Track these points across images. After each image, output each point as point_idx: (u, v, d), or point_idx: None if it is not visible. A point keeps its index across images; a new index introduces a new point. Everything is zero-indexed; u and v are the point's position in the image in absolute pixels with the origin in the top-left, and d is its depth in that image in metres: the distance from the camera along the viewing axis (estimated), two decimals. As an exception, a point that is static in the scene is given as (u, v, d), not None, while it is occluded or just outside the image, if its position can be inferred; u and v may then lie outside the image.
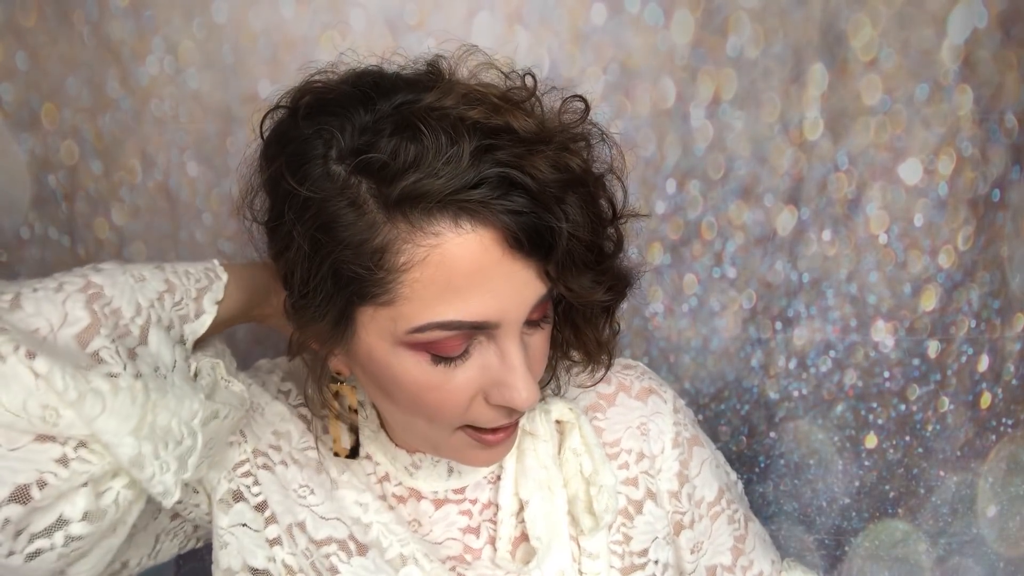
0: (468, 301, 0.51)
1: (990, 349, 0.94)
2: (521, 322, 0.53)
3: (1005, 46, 0.85)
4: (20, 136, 0.95)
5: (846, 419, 0.96)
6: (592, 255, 0.54)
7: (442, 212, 0.49)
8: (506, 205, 0.49)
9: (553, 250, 0.51)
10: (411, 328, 0.51)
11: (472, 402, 0.55)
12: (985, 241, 0.90)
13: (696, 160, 0.89)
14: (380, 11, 0.87)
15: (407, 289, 0.51)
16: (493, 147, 0.49)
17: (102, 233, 0.97)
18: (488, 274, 0.51)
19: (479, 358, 0.54)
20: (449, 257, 0.50)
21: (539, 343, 0.58)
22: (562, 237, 0.50)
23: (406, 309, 0.51)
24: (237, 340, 0.98)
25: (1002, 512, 1.00)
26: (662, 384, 0.72)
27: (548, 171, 0.50)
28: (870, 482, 0.98)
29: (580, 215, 0.52)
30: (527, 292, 0.52)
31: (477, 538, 0.64)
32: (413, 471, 0.65)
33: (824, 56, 0.86)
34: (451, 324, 0.51)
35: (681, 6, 0.85)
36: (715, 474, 0.71)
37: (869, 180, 0.89)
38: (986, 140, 0.87)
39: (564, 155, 0.52)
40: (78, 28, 0.90)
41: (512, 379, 0.53)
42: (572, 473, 0.64)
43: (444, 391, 0.54)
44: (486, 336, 0.54)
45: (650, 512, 0.67)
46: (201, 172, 0.93)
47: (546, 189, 0.50)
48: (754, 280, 0.93)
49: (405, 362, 0.54)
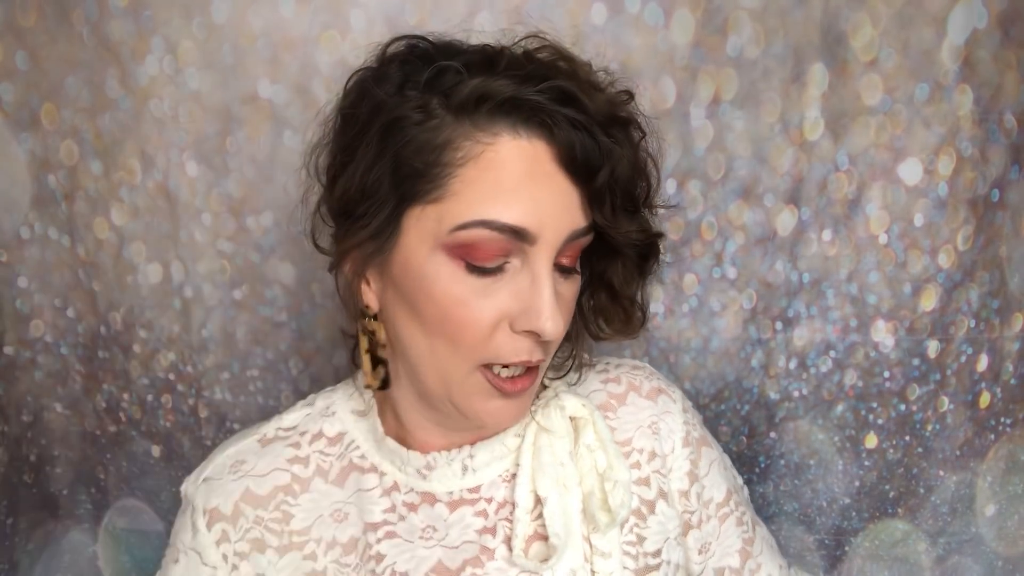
0: (512, 205, 0.54)
1: (989, 349, 0.94)
2: (557, 247, 0.55)
3: (1005, 46, 0.85)
4: (20, 136, 0.95)
5: (846, 419, 0.96)
6: (631, 200, 0.58)
7: (503, 116, 0.54)
8: (563, 115, 0.53)
9: (598, 173, 0.54)
10: (455, 225, 0.54)
11: (497, 329, 0.56)
12: (985, 241, 0.91)
13: (696, 160, 0.90)
14: (380, 11, 0.87)
15: (458, 184, 0.54)
16: (554, 74, 0.55)
17: (102, 233, 0.97)
18: (536, 183, 0.54)
19: (511, 280, 0.56)
20: (502, 158, 0.54)
21: (568, 294, 0.59)
22: (608, 162, 0.55)
23: (454, 205, 0.54)
24: (237, 340, 0.98)
25: (1001, 511, 1.00)
26: (671, 385, 0.73)
27: (603, 104, 0.55)
28: (870, 482, 0.98)
29: (626, 154, 0.56)
30: (567, 216, 0.55)
31: (493, 538, 0.63)
32: (427, 473, 0.64)
33: (824, 56, 0.86)
34: (493, 224, 0.54)
35: (681, 6, 0.85)
36: (724, 475, 0.71)
37: (869, 180, 0.89)
38: (986, 140, 0.87)
39: (617, 100, 0.58)
40: (78, 28, 0.90)
41: (540, 304, 0.55)
42: (587, 469, 0.64)
43: (472, 307, 0.56)
44: (520, 257, 0.56)
45: (662, 512, 0.66)
46: (201, 172, 0.93)
47: (600, 115, 0.55)
48: (754, 280, 0.93)
49: (440, 269, 0.56)
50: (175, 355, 1.00)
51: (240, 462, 0.66)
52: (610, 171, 0.55)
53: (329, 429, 0.68)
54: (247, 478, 0.65)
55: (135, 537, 1.08)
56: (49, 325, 1.02)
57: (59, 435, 1.06)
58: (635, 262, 0.62)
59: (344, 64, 0.87)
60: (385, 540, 0.63)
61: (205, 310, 0.97)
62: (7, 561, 1.03)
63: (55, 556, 1.08)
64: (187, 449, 1.03)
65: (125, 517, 1.08)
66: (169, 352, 1.00)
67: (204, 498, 0.64)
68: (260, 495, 0.64)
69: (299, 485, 0.65)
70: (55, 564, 1.08)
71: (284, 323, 0.97)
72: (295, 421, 0.69)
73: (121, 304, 0.99)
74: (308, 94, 0.88)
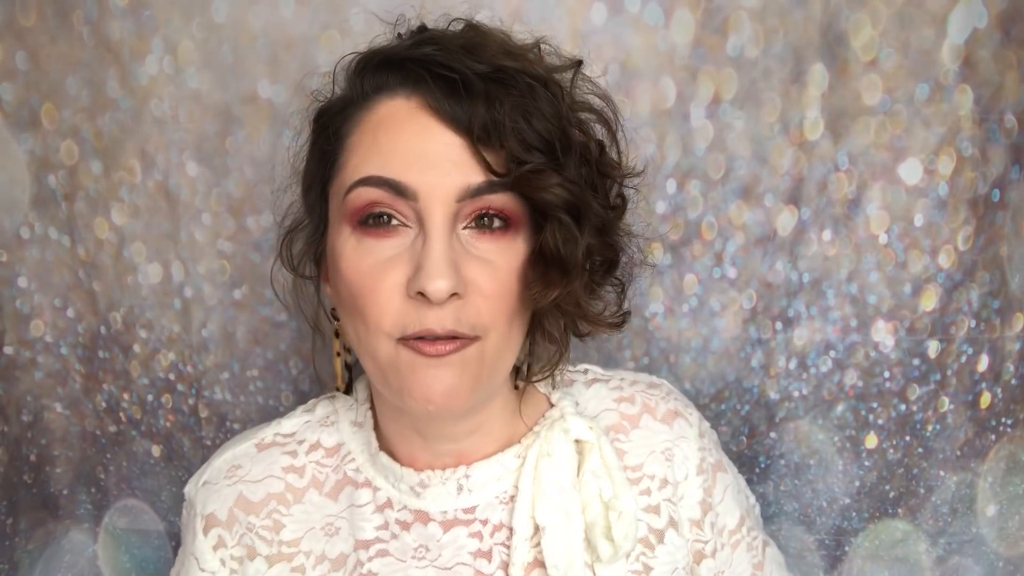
0: (389, 160, 0.54)
1: (990, 349, 0.94)
2: (449, 204, 0.53)
3: (1005, 46, 0.85)
4: (20, 136, 0.95)
5: (846, 419, 0.96)
6: (543, 155, 0.54)
7: (382, 76, 0.56)
8: (435, 69, 0.53)
9: (473, 123, 0.53)
10: (344, 191, 0.55)
11: (393, 293, 0.54)
12: (985, 241, 0.90)
13: (696, 160, 0.89)
14: (380, 11, 0.86)
15: (348, 152, 0.56)
16: (448, 39, 0.56)
17: (102, 233, 0.97)
18: (412, 138, 0.54)
19: (408, 246, 0.54)
20: (379, 117, 0.55)
21: (497, 258, 0.55)
22: (481, 112, 0.53)
23: (345, 172, 0.56)
24: (237, 340, 0.98)
25: (1002, 512, 1.00)
26: (688, 405, 0.70)
27: (491, 57, 0.54)
28: (870, 482, 0.98)
29: (517, 105, 0.53)
30: (456, 173, 0.53)
31: (489, 563, 0.61)
32: (420, 491, 0.62)
33: (824, 56, 0.86)
34: (371, 179, 0.54)
35: (681, 6, 0.85)
36: (737, 500, 0.69)
37: (869, 180, 0.89)
38: (986, 140, 0.87)
39: (520, 55, 0.57)
40: (78, 28, 0.90)
41: (426, 262, 0.52)
42: (591, 497, 0.60)
43: (370, 274, 0.54)
44: (416, 221, 0.54)
45: (671, 542, 0.64)
46: (201, 172, 0.93)
47: (482, 66, 0.54)
48: (754, 280, 0.93)
49: (346, 243, 0.56)
50: (175, 355, 1.00)
51: (236, 467, 0.65)
52: (488, 121, 0.52)
53: (327, 440, 0.67)
54: (241, 483, 0.64)
55: (135, 537, 1.08)
56: (49, 325, 1.02)
57: (59, 435, 1.06)
58: (568, 226, 0.55)
59: (344, 64, 0.87)
60: (376, 559, 0.61)
61: (205, 310, 0.97)
62: (7, 561, 1.03)
63: (55, 556, 1.08)
64: (187, 449, 1.03)
65: (125, 517, 1.08)
66: (169, 352, 1.00)
67: (202, 503, 0.64)
68: (253, 501, 0.64)
69: (292, 495, 0.64)
70: (55, 564, 1.08)
71: (284, 323, 0.97)
72: (294, 428, 0.68)
73: (121, 304, 0.99)
74: (308, 94, 0.88)
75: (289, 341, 0.98)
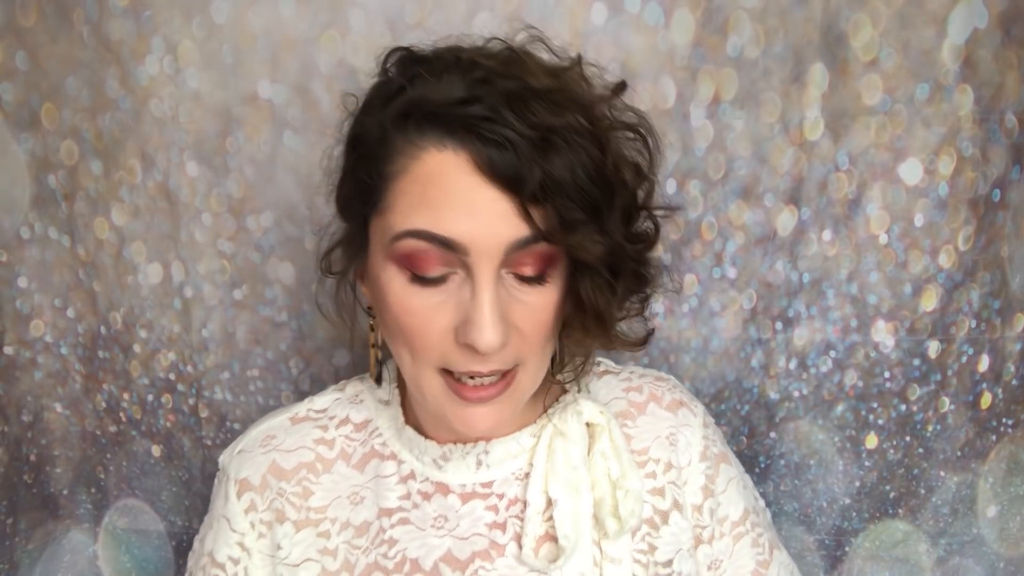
0: (439, 215, 0.54)
1: (990, 349, 0.94)
2: (496, 258, 0.55)
3: (1005, 46, 0.85)
4: (20, 136, 0.95)
5: (846, 419, 0.96)
6: (585, 210, 0.55)
7: (431, 127, 0.54)
8: (485, 128, 0.53)
9: (523, 186, 0.53)
10: (391, 236, 0.56)
11: (443, 338, 0.57)
12: (985, 241, 0.90)
13: (696, 160, 0.89)
14: (380, 11, 0.86)
15: (394, 197, 0.56)
16: (493, 82, 0.54)
17: (102, 233, 0.97)
18: (462, 195, 0.54)
19: (455, 291, 0.56)
20: (428, 170, 0.54)
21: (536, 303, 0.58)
22: (533, 174, 0.53)
23: (391, 217, 0.56)
24: (237, 340, 0.98)
25: (1002, 512, 1.00)
26: (693, 399, 0.73)
27: (541, 113, 0.53)
28: (870, 482, 0.98)
29: (566, 163, 0.54)
30: (503, 227, 0.54)
31: (503, 534, 0.65)
32: (442, 463, 0.66)
33: (824, 56, 0.86)
34: (421, 233, 0.54)
35: (681, 6, 0.85)
36: (742, 494, 0.71)
37: (869, 180, 0.89)
38: (986, 140, 0.87)
39: (566, 108, 0.55)
40: (78, 28, 0.90)
41: (476, 316, 0.54)
42: (600, 476, 0.64)
43: (418, 315, 0.57)
44: (464, 270, 0.56)
45: (676, 523, 0.67)
46: (201, 172, 0.93)
47: (532, 126, 0.53)
48: (754, 280, 0.93)
49: (391, 278, 0.57)
50: (175, 355, 1.00)
51: (271, 437, 0.69)
52: (539, 182, 0.53)
53: (356, 416, 0.71)
54: (275, 452, 0.68)
55: (135, 537, 1.08)
56: (49, 325, 1.02)
57: (59, 435, 1.06)
58: (604, 277, 0.58)
59: (344, 64, 0.87)
60: (399, 526, 0.65)
61: (205, 310, 0.98)
62: (7, 561, 1.03)
63: (55, 556, 1.08)
64: (187, 449, 1.03)
65: (125, 517, 1.08)
66: (169, 352, 1.00)
67: (236, 469, 0.68)
68: (285, 469, 0.67)
69: (322, 464, 0.68)
70: (55, 564, 1.08)
71: (284, 323, 0.97)
72: (325, 404, 0.72)
73: (121, 304, 0.99)
74: (308, 94, 0.89)
75: (289, 341, 0.98)
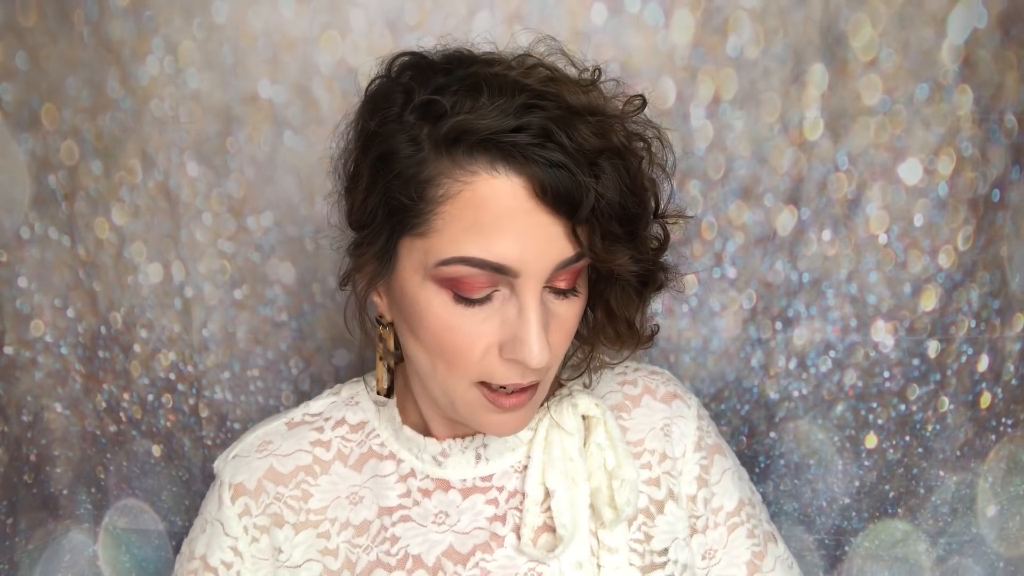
0: (492, 242, 0.54)
1: (990, 349, 0.94)
2: (543, 278, 0.56)
3: (1005, 46, 0.85)
4: (20, 136, 0.95)
5: (846, 419, 0.96)
6: (623, 227, 0.57)
7: (482, 153, 0.54)
8: (540, 154, 0.53)
9: (579, 208, 0.54)
10: (438, 261, 0.55)
11: (487, 353, 0.57)
12: (985, 241, 0.90)
13: (696, 160, 0.89)
14: (380, 11, 0.87)
15: (440, 222, 0.55)
16: (540, 106, 0.53)
17: (102, 233, 0.97)
18: (514, 220, 0.54)
19: (500, 309, 0.57)
20: (480, 196, 0.54)
21: (566, 314, 0.59)
22: (589, 197, 0.54)
23: (437, 241, 0.55)
24: (237, 340, 0.98)
25: (1002, 512, 1.00)
26: (687, 392, 0.74)
27: (588, 136, 0.54)
28: (870, 482, 0.98)
29: (613, 183, 0.55)
30: (552, 249, 0.55)
31: (503, 525, 0.65)
32: (442, 460, 0.67)
33: (824, 56, 0.86)
34: (473, 261, 0.54)
35: (681, 6, 0.85)
36: (737, 485, 0.72)
37: (869, 180, 0.89)
38: (986, 140, 0.87)
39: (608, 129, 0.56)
40: (78, 28, 0.90)
41: (525, 334, 0.55)
42: (596, 466, 0.66)
43: (462, 333, 0.57)
44: (508, 287, 0.56)
45: (671, 512, 0.68)
46: (201, 172, 0.93)
47: (581, 150, 0.53)
48: (754, 280, 0.93)
49: (432, 297, 0.57)
50: (175, 355, 1.00)
51: (267, 442, 0.70)
52: (592, 204, 0.54)
53: (352, 417, 0.71)
54: (272, 457, 0.69)
55: (135, 537, 1.08)
56: (49, 325, 1.02)
57: (59, 435, 1.06)
58: (634, 287, 0.63)
59: (344, 64, 0.87)
60: (400, 523, 0.66)
61: (205, 310, 0.98)
62: (7, 561, 1.03)
63: (55, 556, 1.08)
64: (187, 449, 1.03)
65: (125, 517, 1.08)
66: (169, 352, 1.00)
67: (231, 473, 0.68)
68: (282, 473, 0.68)
69: (319, 467, 0.69)
70: (55, 564, 1.08)
71: (284, 323, 0.97)
72: (321, 407, 0.73)
73: (121, 304, 0.99)
74: (308, 94, 0.89)
75: (289, 341, 0.98)
